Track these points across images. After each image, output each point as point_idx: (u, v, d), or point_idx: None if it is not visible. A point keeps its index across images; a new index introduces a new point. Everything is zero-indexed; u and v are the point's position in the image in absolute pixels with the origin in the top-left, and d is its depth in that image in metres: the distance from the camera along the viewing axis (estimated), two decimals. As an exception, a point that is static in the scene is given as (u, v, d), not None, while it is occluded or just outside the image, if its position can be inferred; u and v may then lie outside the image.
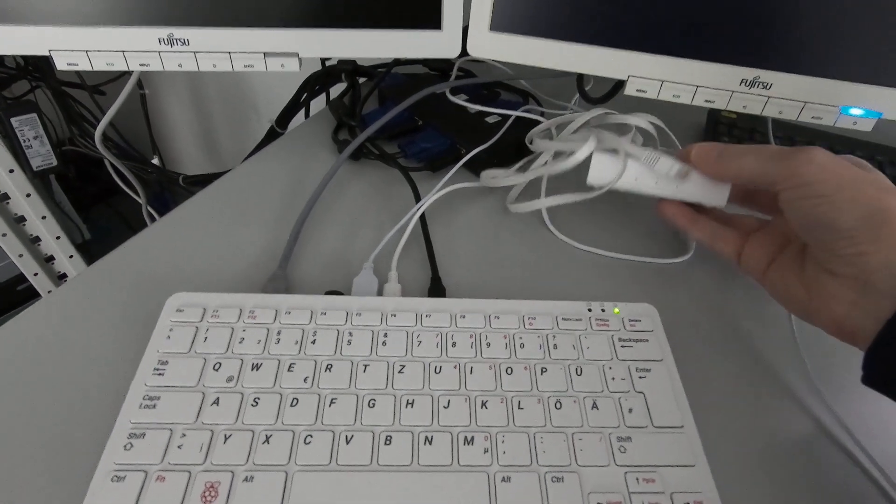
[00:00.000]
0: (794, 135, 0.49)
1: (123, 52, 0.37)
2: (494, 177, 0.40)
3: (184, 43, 0.37)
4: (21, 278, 0.90)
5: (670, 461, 0.26)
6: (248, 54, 0.37)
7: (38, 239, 0.86)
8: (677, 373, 0.29)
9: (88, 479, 0.24)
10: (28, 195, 0.80)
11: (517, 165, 0.42)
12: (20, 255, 0.84)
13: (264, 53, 0.37)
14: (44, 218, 0.83)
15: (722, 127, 0.49)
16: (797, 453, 0.28)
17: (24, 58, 0.82)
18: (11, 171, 0.77)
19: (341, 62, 0.56)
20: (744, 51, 0.35)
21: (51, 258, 0.89)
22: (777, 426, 0.29)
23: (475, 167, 0.44)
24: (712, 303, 0.36)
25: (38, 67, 0.84)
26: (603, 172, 0.34)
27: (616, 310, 0.31)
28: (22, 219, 0.82)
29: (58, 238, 0.86)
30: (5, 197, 0.79)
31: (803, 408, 0.30)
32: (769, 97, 0.36)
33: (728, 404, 0.30)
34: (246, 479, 0.24)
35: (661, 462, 0.26)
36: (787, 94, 0.36)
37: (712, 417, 0.29)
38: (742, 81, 0.36)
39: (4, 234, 0.80)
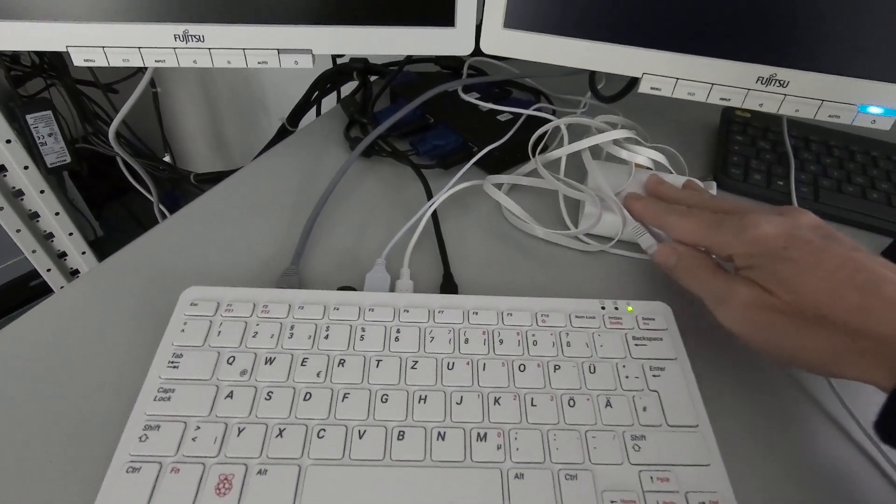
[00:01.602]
0: (809, 134, 0.48)
1: (139, 48, 0.37)
2: (494, 191, 0.40)
3: (199, 39, 0.37)
4: (34, 274, 0.91)
5: (685, 460, 0.25)
6: (262, 51, 0.38)
7: (51, 235, 0.87)
8: (692, 371, 0.29)
9: (104, 471, 0.24)
10: (42, 192, 0.81)
11: (523, 173, 0.42)
12: (33, 251, 0.85)
13: (278, 50, 0.38)
14: (57, 214, 0.84)
15: (736, 126, 0.49)
16: (814, 453, 0.28)
17: (40, 56, 0.83)
18: (26, 167, 0.78)
19: (353, 60, 0.56)
20: (760, 48, 0.35)
21: (63, 254, 0.90)
22: (793, 426, 0.29)
23: (487, 165, 0.44)
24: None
25: (53, 65, 0.85)
26: (591, 222, 0.37)
27: (630, 308, 0.31)
28: (36, 215, 0.83)
29: (70, 234, 0.87)
30: (20, 193, 0.80)
31: (820, 407, 0.30)
32: (786, 95, 0.36)
33: (744, 404, 0.30)
34: (259, 472, 0.24)
35: (676, 461, 0.25)
36: (804, 92, 0.36)
37: (728, 417, 0.29)
38: (758, 79, 0.36)
39: (18, 230, 0.81)
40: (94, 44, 0.36)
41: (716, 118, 0.53)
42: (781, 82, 0.36)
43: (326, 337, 0.29)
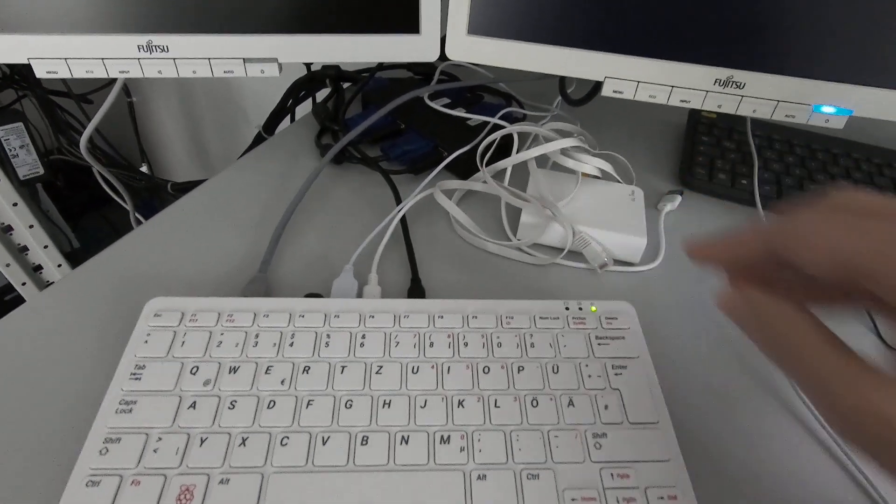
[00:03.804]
0: (773, 133, 0.49)
1: (103, 59, 0.37)
2: (444, 200, 0.39)
3: (163, 49, 0.37)
4: (9, 288, 0.90)
5: (645, 457, 0.26)
6: (227, 60, 0.38)
7: (25, 248, 0.85)
8: (654, 370, 0.29)
9: (63, 485, 0.24)
10: (15, 204, 0.80)
11: (472, 181, 0.42)
12: (7, 265, 0.83)
13: (244, 59, 0.38)
14: (31, 227, 0.83)
15: (702, 127, 0.50)
16: (774, 450, 0.28)
17: (10, 67, 0.82)
18: (-2, 180, 0.76)
19: (325, 67, 0.56)
20: (717, 51, 0.36)
21: (39, 267, 0.88)
22: (754, 423, 0.30)
23: (457, 169, 0.44)
24: (689, 303, 0.36)
25: (25, 76, 0.84)
26: (532, 233, 0.38)
27: (593, 308, 0.32)
28: (9, 228, 0.82)
29: (45, 247, 0.86)
30: (-8, 206, 0.79)
31: (781, 404, 0.31)
32: (743, 96, 0.37)
33: (705, 401, 0.30)
34: (222, 482, 0.24)
35: (636, 458, 0.26)
36: (760, 93, 0.36)
37: (689, 413, 0.29)
38: (716, 81, 0.37)
39: (-9, 244, 0.80)
40: (57, 55, 0.36)
41: (684, 119, 0.54)
42: (738, 84, 0.36)
43: (291, 344, 0.29)
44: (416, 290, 0.34)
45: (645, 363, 0.30)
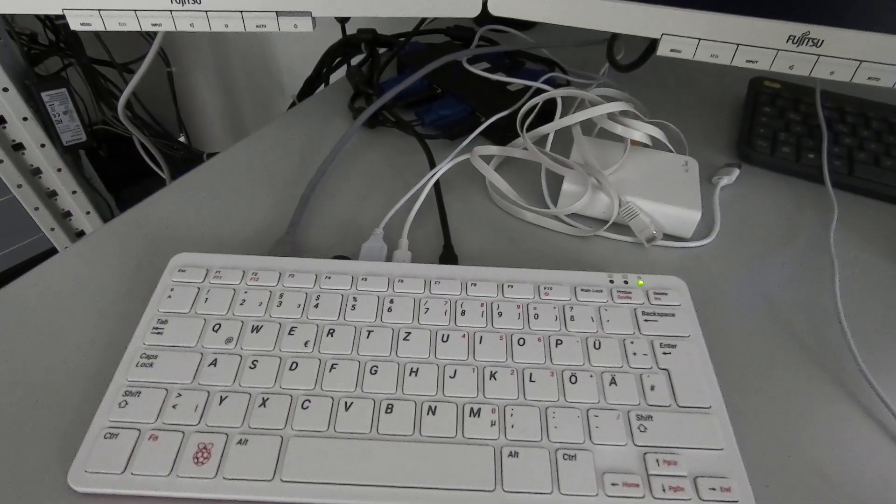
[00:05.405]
0: (845, 105, 0.45)
1: (135, 11, 0.36)
2: (481, 164, 0.37)
3: (196, 2, 0.36)
4: (52, 252, 0.93)
5: (695, 444, 0.23)
6: (260, 13, 0.36)
7: (69, 214, 0.88)
8: (706, 350, 0.27)
9: (82, 436, 0.23)
10: (59, 170, 0.82)
11: (509, 147, 0.39)
12: (52, 229, 0.86)
13: (276, 13, 0.36)
14: (74, 193, 0.85)
15: (764, 98, 0.46)
16: (840, 440, 0.26)
17: (55, 34, 0.84)
18: (43, 145, 0.78)
19: (360, 31, 0.54)
20: (792, 3, 0.32)
21: (81, 233, 0.91)
22: (818, 411, 0.27)
23: (494, 136, 0.42)
24: (746, 283, 0.33)
25: (70, 44, 0.85)
26: (574, 202, 0.35)
27: (640, 282, 0.29)
28: (53, 193, 0.84)
29: (87, 213, 0.88)
30: (37, 171, 0.81)
31: (846, 390, 0.27)
32: (820, 56, 0.33)
33: (764, 386, 0.27)
34: (240, 442, 0.23)
35: (685, 444, 0.23)
36: (840, 52, 0.33)
37: (746, 399, 0.27)
38: (789, 38, 0.33)
39: (37, 208, 0.83)
40: (91, 6, 0.36)
41: (742, 91, 0.49)
42: (815, 41, 0.33)
43: (316, 306, 0.28)
44: (448, 256, 0.32)
45: (697, 343, 0.27)
